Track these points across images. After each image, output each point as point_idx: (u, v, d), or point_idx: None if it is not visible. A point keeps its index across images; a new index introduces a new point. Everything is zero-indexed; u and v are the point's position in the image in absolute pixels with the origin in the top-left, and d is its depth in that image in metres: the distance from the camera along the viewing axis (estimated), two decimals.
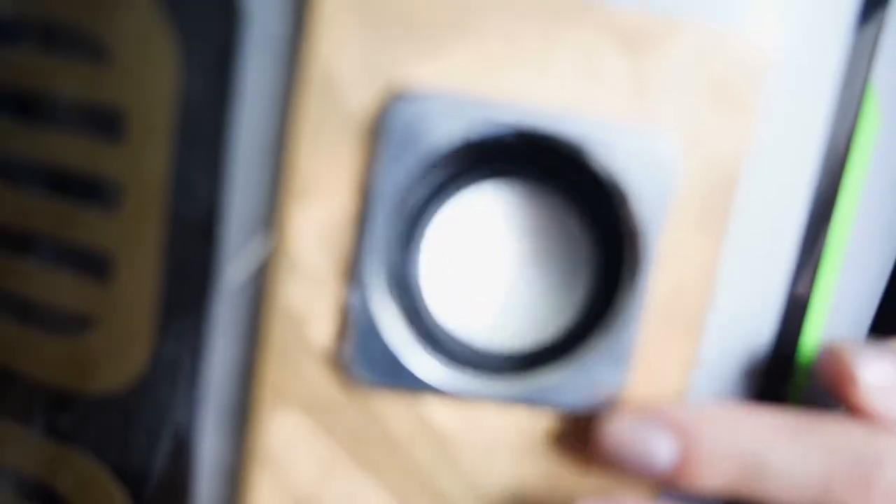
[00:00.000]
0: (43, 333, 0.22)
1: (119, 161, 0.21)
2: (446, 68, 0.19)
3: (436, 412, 0.21)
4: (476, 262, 0.21)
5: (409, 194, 0.20)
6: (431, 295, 0.21)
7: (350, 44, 0.19)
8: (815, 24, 0.22)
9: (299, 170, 0.20)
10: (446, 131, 0.19)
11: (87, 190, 0.21)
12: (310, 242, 0.20)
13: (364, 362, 0.20)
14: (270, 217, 0.20)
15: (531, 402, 0.21)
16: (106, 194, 0.21)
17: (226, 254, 0.21)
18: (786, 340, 0.24)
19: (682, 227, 0.21)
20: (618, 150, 0.20)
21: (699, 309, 0.21)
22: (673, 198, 0.20)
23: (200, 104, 0.20)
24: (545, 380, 0.21)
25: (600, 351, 0.21)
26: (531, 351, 0.21)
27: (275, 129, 0.20)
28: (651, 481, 0.21)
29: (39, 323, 0.22)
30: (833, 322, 0.25)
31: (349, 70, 0.19)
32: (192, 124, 0.20)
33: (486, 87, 0.19)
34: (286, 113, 0.20)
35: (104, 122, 0.21)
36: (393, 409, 0.21)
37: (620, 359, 0.21)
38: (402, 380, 0.21)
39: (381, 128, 0.19)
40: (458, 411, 0.21)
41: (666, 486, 0.21)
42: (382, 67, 0.19)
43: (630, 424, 0.21)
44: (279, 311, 0.20)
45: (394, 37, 0.19)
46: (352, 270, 0.20)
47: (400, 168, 0.19)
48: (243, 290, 0.21)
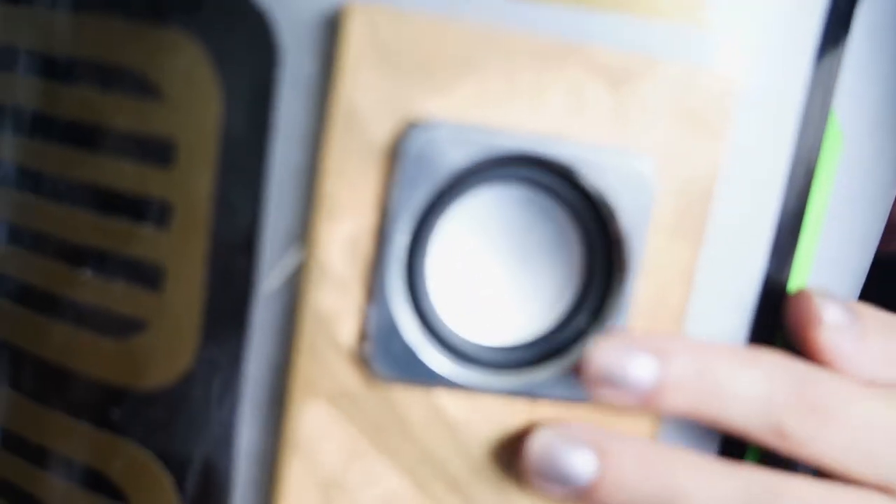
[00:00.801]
0: (99, 336, 0.25)
1: (169, 185, 0.24)
2: (453, 102, 0.22)
3: (447, 403, 0.24)
4: (478, 267, 0.24)
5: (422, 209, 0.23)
6: (440, 297, 0.23)
7: (371, 81, 0.22)
8: (779, 56, 0.24)
9: (327, 191, 0.22)
10: (454, 156, 0.22)
11: (141, 210, 0.24)
12: (337, 254, 0.23)
13: (383, 359, 0.23)
14: (302, 232, 0.23)
15: (530, 394, 0.24)
16: (157, 214, 0.24)
17: (263, 265, 0.23)
18: (758, 341, 0.26)
19: (663, 237, 0.24)
20: (604, 171, 0.23)
21: (679, 308, 0.24)
22: (652, 211, 0.23)
23: (241, 134, 0.23)
24: (542, 374, 0.24)
25: None
26: (529, 347, 0.24)
27: (306, 156, 0.23)
28: (633, 402, 0.23)
29: (96, 327, 0.25)
30: None
31: (370, 104, 0.22)
32: (234, 152, 0.23)
33: (489, 118, 0.22)
34: (316, 141, 0.23)
35: (156, 151, 0.24)
36: (409, 401, 0.24)
37: None
38: (417, 374, 0.23)
39: (398, 153, 0.22)
40: (467, 402, 0.24)
41: (640, 409, 0.23)
42: (398, 102, 0.22)
43: (615, 350, 0.23)
44: (310, 314, 0.23)
45: (408, 75, 0.22)
46: (373, 278, 0.23)
47: (414, 188, 0.22)
48: (278, 296, 0.24)
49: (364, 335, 0.23)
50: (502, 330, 0.24)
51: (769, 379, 0.24)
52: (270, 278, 0.24)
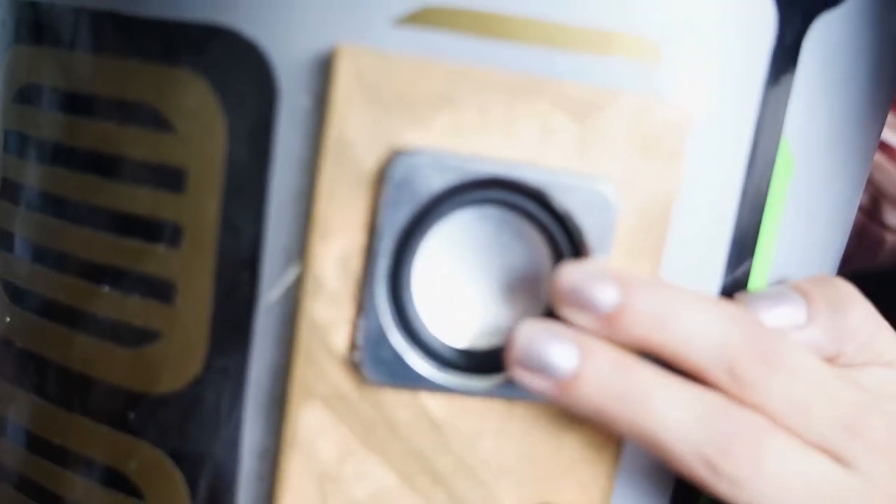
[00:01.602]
0: (117, 346, 0.28)
1: (180, 209, 0.26)
2: (433, 133, 0.25)
3: (431, 404, 0.26)
4: (458, 280, 0.26)
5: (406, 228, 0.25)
6: (423, 308, 0.26)
7: (359, 115, 0.25)
8: (731, 88, 0.27)
9: (321, 213, 0.25)
10: (434, 181, 0.25)
11: (155, 231, 0.27)
12: (330, 270, 0.25)
13: (373, 365, 0.26)
14: (299, 250, 0.26)
15: (506, 396, 0.26)
16: (169, 235, 0.27)
17: (264, 280, 0.26)
18: None
19: (625, 254, 0.26)
20: (570, 194, 0.25)
21: None
22: (615, 230, 0.26)
23: (244, 163, 0.26)
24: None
25: None
26: (502, 354, 0.26)
27: (302, 182, 0.25)
28: (594, 327, 0.25)
29: (114, 338, 0.28)
30: None
31: (358, 135, 0.25)
32: (238, 179, 0.26)
33: (465, 147, 0.25)
34: (311, 169, 0.25)
35: (168, 178, 0.26)
36: (396, 402, 0.26)
37: None
38: (403, 378, 0.26)
39: (383, 179, 0.25)
40: (449, 403, 0.26)
41: (602, 329, 0.25)
42: (384, 133, 0.25)
43: (584, 272, 0.25)
44: (306, 324, 0.26)
45: (392, 109, 0.25)
46: (362, 292, 0.25)
47: (398, 210, 0.25)
48: (278, 308, 0.26)
49: (355, 343, 0.26)
50: (480, 337, 0.27)
51: (729, 323, 0.25)
52: (271, 292, 0.26)
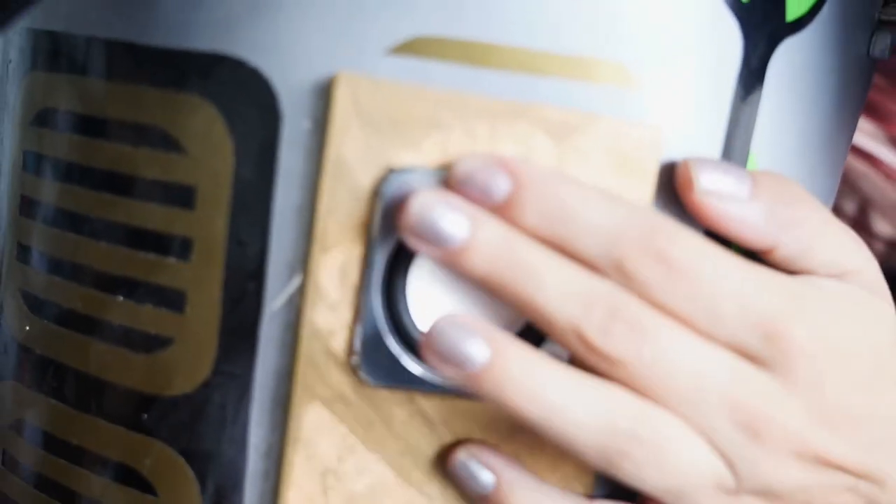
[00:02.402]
0: (131, 352, 0.30)
1: (190, 224, 0.28)
2: (423, 153, 0.27)
3: (424, 403, 0.28)
4: (448, 287, 0.28)
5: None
6: (416, 313, 0.28)
7: (356, 137, 0.27)
8: (701, 109, 0.29)
9: (322, 228, 0.27)
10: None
11: (166, 245, 0.29)
12: (330, 279, 0.27)
13: (370, 367, 0.28)
14: (302, 262, 0.28)
15: None
16: (180, 248, 0.29)
17: (269, 290, 0.28)
18: None
19: None
20: None
21: None
22: None
23: (250, 181, 0.28)
24: None
25: None
26: None
27: (304, 199, 0.27)
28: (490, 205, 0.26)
29: (129, 344, 0.30)
30: None
31: (355, 155, 0.27)
32: (244, 196, 0.28)
33: (450, 163, 0.27)
34: (312, 186, 0.27)
35: (179, 196, 0.28)
36: (392, 402, 0.28)
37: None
38: (398, 380, 0.28)
39: (378, 195, 0.27)
40: (441, 402, 0.28)
41: (494, 211, 0.26)
42: (378, 153, 0.27)
43: (481, 160, 0.26)
44: (308, 330, 0.28)
45: (386, 132, 0.27)
46: (359, 300, 0.28)
47: (392, 224, 0.27)
48: (282, 316, 0.28)
49: (353, 348, 0.28)
50: None
51: (624, 218, 0.25)
52: (275, 301, 0.28)
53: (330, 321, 0.28)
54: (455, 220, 0.25)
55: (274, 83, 0.27)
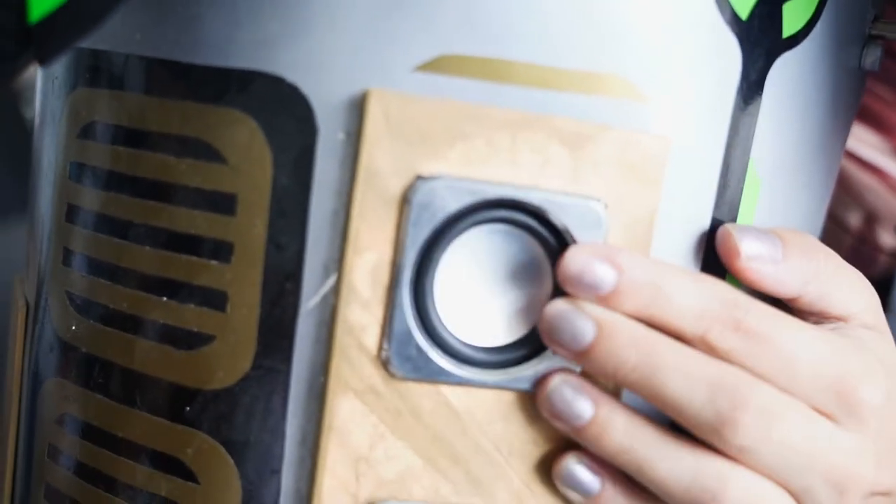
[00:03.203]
0: (175, 349, 0.32)
1: (231, 229, 0.31)
2: (449, 162, 0.29)
3: (450, 395, 0.31)
4: (472, 287, 0.30)
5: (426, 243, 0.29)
6: (443, 311, 0.30)
7: (386, 148, 0.29)
8: (704, 120, 0.31)
9: (355, 232, 0.29)
10: (450, 202, 0.29)
11: (209, 249, 0.31)
12: (363, 279, 0.30)
13: (399, 361, 0.30)
14: (336, 264, 0.30)
15: (515, 387, 0.30)
16: (222, 252, 0.31)
17: (305, 290, 0.30)
18: None
19: None
20: (567, 212, 0.30)
21: None
22: (605, 242, 0.30)
23: (287, 189, 0.30)
24: (524, 370, 0.30)
25: None
26: (514, 349, 0.31)
27: (338, 205, 0.30)
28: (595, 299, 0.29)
29: (173, 341, 0.32)
30: None
31: (386, 164, 0.29)
32: (282, 203, 0.30)
33: (475, 174, 0.29)
34: (346, 193, 0.30)
35: (221, 203, 0.31)
36: (420, 394, 0.30)
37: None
38: (426, 373, 0.30)
39: (407, 202, 0.29)
40: (466, 394, 0.31)
41: (600, 303, 0.29)
42: (406, 162, 0.29)
43: (588, 257, 0.29)
44: (342, 327, 0.30)
45: (414, 143, 0.29)
46: (390, 298, 0.30)
47: (420, 227, 0.29)
48: (318, 313, 0.30)
49: (383, 343, 0.30)
50: (492, 336, 0.31)
51: (708, 295, 0.29)
52: (311, 300, 0.30)
53: (362, 318, 0.30)
54: (585, 322, 0.29)
55: (310, 98, 0.30)
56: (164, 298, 0.32)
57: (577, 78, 0.30)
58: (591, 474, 0.30)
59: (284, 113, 0.30)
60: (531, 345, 0.31)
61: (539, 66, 0.30)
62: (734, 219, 0.33)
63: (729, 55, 0.31)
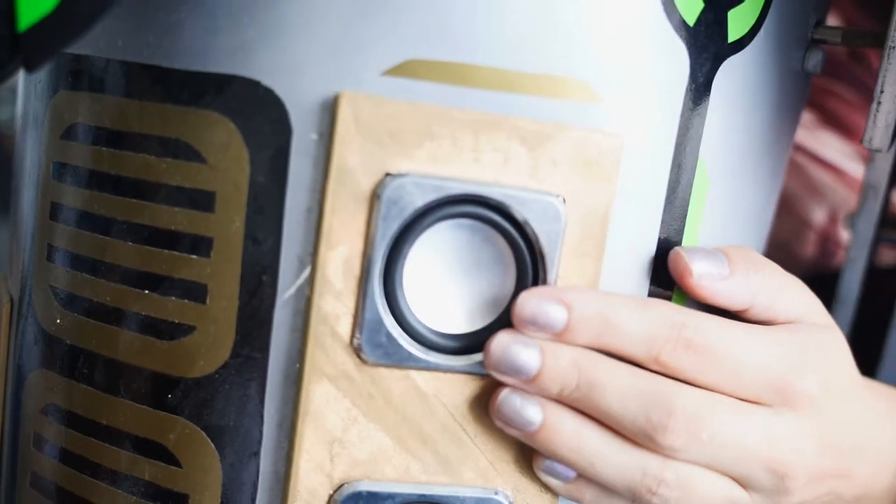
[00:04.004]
0: (157, 339, 0.34)
1: (210, 225, 0.32)
2: (416, 161, 0.31)
3: (419, 379, 0.32)
4: (439, 278, 0.32)
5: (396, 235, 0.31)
6: (411, 301, 0.32)
7: (357, 147, 0.31)
8: (655, 119, 0.33)
9: (327, 227, 0.31)
10: (417, 198, 0.31)
11: (189, 244, 0.33)
12: (336, 272, 0.31)
13: (370, 348, 0.32)
14: (310, 257, 0.32)
15: (480, 371, 0.32)
16: (202, 246, 0.32)
17: (281, 281, 0.32)
18: None
19: (572, 255, 0.32)
20: (527, 206, 0.32)
21: None
22: (563, 235, 0.32)
23: (264, 187, 0.32)
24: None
25: None
26: (478, 335, 0.33)
27: (312, 201, 0.31)
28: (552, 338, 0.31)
29: (155, 332, 0.34)
30: None
31: (356, 163, 0.31)
32: (259, 200, 0.32)
33: (442, 171, 0.31)
34: (319, 191, 0.31)
35: (201, 201, 0.32)
36: (390, 379, 0.32)
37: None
38: (396, 359, 0.32)
39: (377, 198, 0.31)
40: (433, 378, 0.32)
41: (556, 340, 0.31)
42: (376, 161, 0.31)
43: (538, 300, 0.31)
44: (317, 316, 0.32)
45: (383, 142, 0.31)
46: (362, 289, 0.32)
47: (389, 222, 0.31)
48: (293, 304, 0.32)
49: (356, 331, 0.32)
50: (458, 324, 0.33)
51: (656, 320, 0.31)
52: (287, 291, 0.32)
53: (336, 308, 0.32)
54: (529, 354, 0.31)
55: (284, 101, 0.31)
56: (146, 291, 0.34)
57: (537, 81, 0.32)
58: (532, 405, 0.32)
59: (260, 115, 0.31)
60: (493, 330, 0.33)
61: (501, 70, 0.32)
62: (684, 214, 0.35)
63: (678, 59, 0.33)
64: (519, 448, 0.34)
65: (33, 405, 0.38)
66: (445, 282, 0.32)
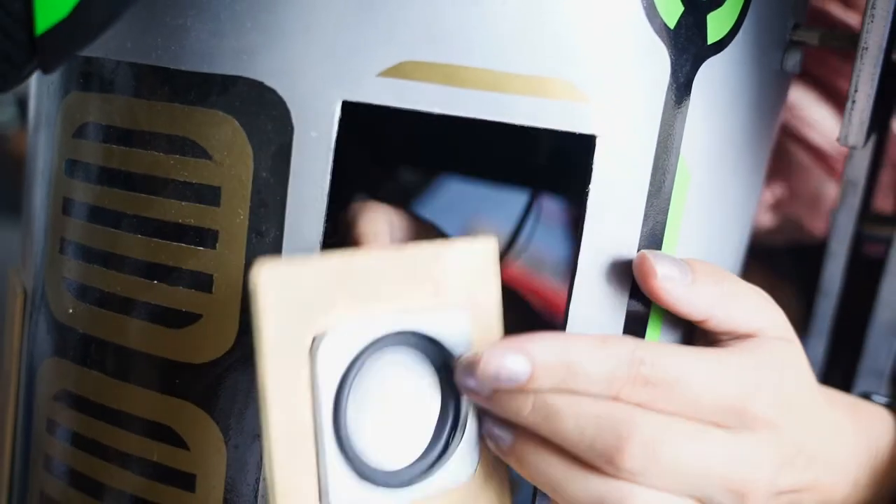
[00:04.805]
0: (165, 327, 0.35)
1: (216, 218, 0.34)
2: (338, 312, 0.31)
3: None
4: (382, 410, 0.33)
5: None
6: (361, 447, 0.32)
7: (282, 319, 0.30)
8: (637, 118, 0.35)
9: (271, 402, 0.30)
10: (350, 348, 0.31)
11: (196, 236, 0.34)
12: (288, 445, 0.30)
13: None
14: (315, 247, 0.33)
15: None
16: (209, 238, 0.34)
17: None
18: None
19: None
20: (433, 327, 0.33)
21: None
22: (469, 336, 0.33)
23: (267, 182, 0.34)
24: (430, 484, 0.33)
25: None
26: (417, 468, 0.33)
27: (314, 193, 0.33)
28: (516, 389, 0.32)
29: (163, 321, 0.35)
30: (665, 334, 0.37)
31: (285, 335, 0.30)
32: (262, 194, 0.34)
33: (363, 311, 0.32)
34: (320, 183, 0.33)
35: (207, 195, 0.34)
36: None
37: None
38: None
39: (312, 358, 0.30)
40: None
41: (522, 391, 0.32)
42: (303, 326, 0.30)
43: (500, 355, 0.32)
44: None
45: (306, 306, 0.30)
46: (317, 449, 0.31)
47: (326, 379, 0.31)
48: None
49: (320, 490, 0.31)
50: (403, 454, 0.33)
51: (614, 359, 0.32)
52: None
53: (294, 467, 0.31)
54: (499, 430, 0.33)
55: (286, 100, 0.33)
56: (155, 282, 0.35)
57: (525, 81, 0.34)
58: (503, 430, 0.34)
59: (263, 114, 0.33)
60: (431, 453, 0.34)
61: (492, 71, 0.33)
62: (666, 210, 0.37)
63: (659, 60, 0.35)
64: None
65: (46, 392, 0.40)
66: (389, 413, 0.33)
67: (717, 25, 0.36)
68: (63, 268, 0.38)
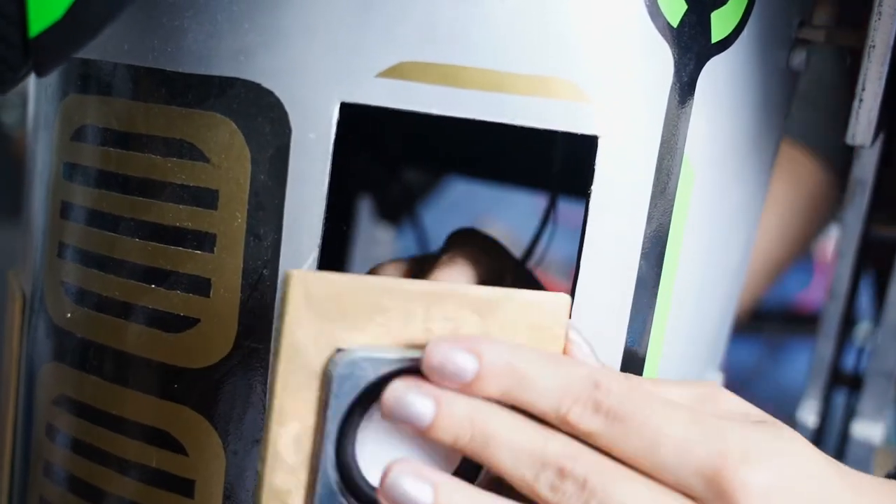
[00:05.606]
0: (163, 332, 0.35)
1: (214, 222, 0.34)
2: (367, 334, 0.30)
3: None
4: (391, 446, 0.31)
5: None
6: (367, 471, 0.31)
7: (307, 326, 0.29)
8: (641, 117, 0.35)
9: (279, 405, 0.29)
10: (369, 372, 0.30)
11: (194, 240, 0.34)
12: (287, 446, 0.30)
13: None
14: (311, 250, 0.33)
15: None
16: (206, 242, 0.34)
17: (282, 275, 0.33)
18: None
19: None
20: None
21: None
22: None
23: (265, 185, 0.33)
24: None
25: None
26: None
27: (312, 196, 0.33)
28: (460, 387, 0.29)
29: (161, 325, 0.35)
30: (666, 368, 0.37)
31: (307, 340, 0.29)
32: (260, 197, 0.33)
33: (393, 342, 0.30)
34: (318, 185, 0.33)
35: (204, 198, 0.34)
36: None
37: None
38: None
39: (329, 373, 0.29)
40: None
41: (465, 391, 0.30)
42: (328, 337, 0.29)
43: (449, 347, 0.29)
44: (269, 491, 0.29)
45: (334, 319, 0.29)
46: (315, 463, 0.30)
47: (341, 398, 0.30)
48: None
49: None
50: None
51: (568, 377, 0.30)
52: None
53: (287, 482, 0.30)
54: (423, 403, 0.30)
55: (284, 102, 0.33)
56: (153, 286, 0.35)
57: (527, 81, 0.33)
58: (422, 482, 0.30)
59: (261, 116, 0.33)
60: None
61: (492, 71, 0.33)
62: (670, 210, 0.36)
63: (662, 59, 0.34)
64: None
65: (45, 397, 0.39)
66: (398, 451, 0.32)
67: (721, 24, 0.35)
68: (61, 271, 0.38)
